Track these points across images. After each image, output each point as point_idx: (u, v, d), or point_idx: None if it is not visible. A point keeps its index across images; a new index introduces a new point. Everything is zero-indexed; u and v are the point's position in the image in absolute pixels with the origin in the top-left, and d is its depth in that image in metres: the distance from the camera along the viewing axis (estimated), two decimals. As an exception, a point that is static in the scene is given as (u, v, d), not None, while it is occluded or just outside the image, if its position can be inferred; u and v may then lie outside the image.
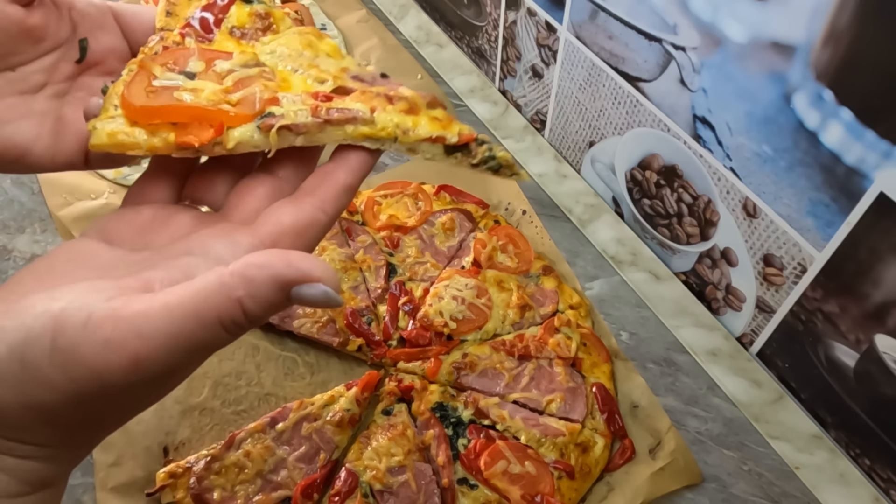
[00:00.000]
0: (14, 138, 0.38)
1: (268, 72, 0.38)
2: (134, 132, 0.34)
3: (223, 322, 0.29)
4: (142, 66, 0.36)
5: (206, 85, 0.36)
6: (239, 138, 0.35)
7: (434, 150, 0.38)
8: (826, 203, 0.53)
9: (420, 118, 0.38)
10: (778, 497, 0.58)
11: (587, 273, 0.72)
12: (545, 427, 0.59)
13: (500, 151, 0.39)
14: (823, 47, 0.48)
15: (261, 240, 0.33)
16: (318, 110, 0.35)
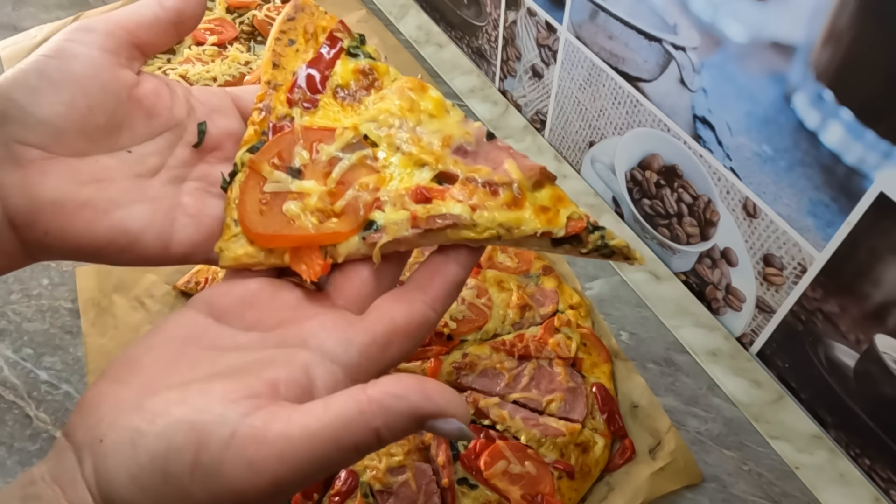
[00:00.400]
0: (125, 223, 0.36)
1: (370, 157, 0.38)
2: (256, 253, 0.37)
3: (358, 448, 0.29)
4: (251, 166, 0.38)
5: (311, 189, 0.37)
6: (345, 252, 0.36)
7: (541, 244, 0.37)
8: (826, 203, 0.53)
9: (524, 212, 0.36)
10: (778, 497, 0.58)
11: (587, 273, 0.72)
12: (545, 427, 0.59)
13: (613, 239, 0.37)
14: (823, 47, 0.48)
15: (374, 339, 0.34)
16: (418, 220, 0.36)
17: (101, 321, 0.66)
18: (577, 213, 0.37)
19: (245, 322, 0.35)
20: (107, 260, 0.37)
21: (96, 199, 0.35)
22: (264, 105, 0.40)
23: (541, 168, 0.37)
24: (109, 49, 0.36)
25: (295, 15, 0.42)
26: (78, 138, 0.35)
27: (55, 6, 0.99)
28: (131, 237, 0.36)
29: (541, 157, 0.82)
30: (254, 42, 0.91)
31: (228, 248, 0.37)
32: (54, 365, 0.64)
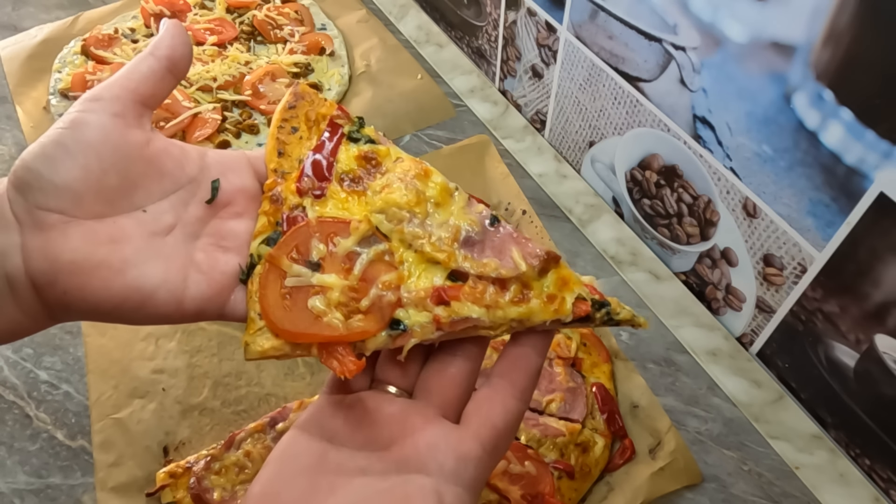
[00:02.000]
0: (138, 281, 0.37)
1: (387, 252, 0.40)
2: (283, 346, 0.38)
3: None
4: (270, 261, 0.39)
5: (333, 284, 0.38)
6: (373, 347, 0.38)
7: (552, 325, 0.40)
8: (826, 203, 0.53)
9: (532, 304, 0.39)
10: (778, 497, 0.58)
11: (587, 273, 0.72)
12: (545, 427, 0.59)
13: (619, 313, 0.40)
14: (823, 47, 0.48)
15: (484, 449, 0.36)
16: (441, 324, 0.38)
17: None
18: (583, 293, 0.40)
19: (357, 441, 0.37)
20: (124, 319, 0.38)
21: (111, 258, 0.37)
22: (275, 194, 0.41)
23: (546, 252, 0.39)
24: (118, 112, 0.38)
25: (295, 103, 0.43)
26: (95, 201, 0.37)
27: (55, 6, 0.99)
28: (145, 294, 0.37)
29: (541, 157, 0.82)
30: (254, 42, 0.91)
31: (255, 342, 0.38)
32: (54, 365, 0.64)
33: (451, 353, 0.40)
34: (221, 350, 0.65)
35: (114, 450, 0.59)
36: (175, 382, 0.63)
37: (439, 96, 0.88)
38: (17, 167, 0.37)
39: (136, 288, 0.37)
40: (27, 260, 0.36)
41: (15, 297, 0.37)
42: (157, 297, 0.38)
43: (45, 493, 0.57)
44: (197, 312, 0.39)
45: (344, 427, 0.38)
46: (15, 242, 0.36)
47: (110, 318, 0.38)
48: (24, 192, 0.36)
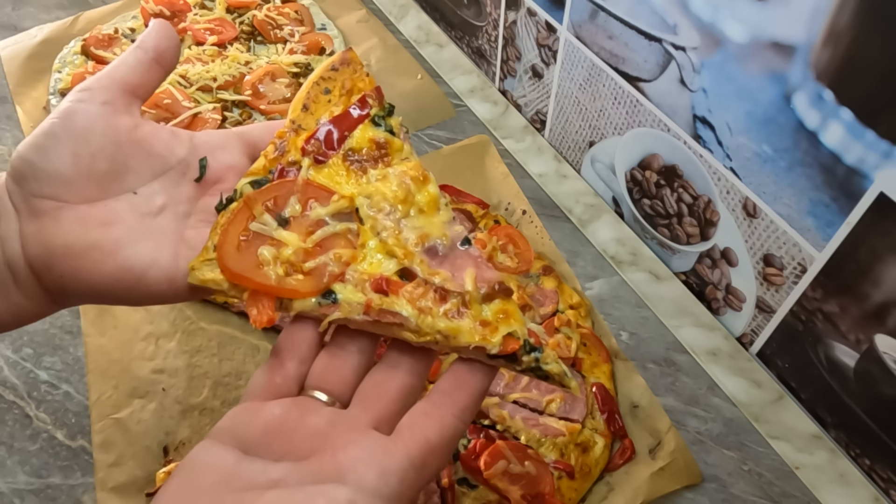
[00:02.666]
0: (130, 261, 0.38)
1: (353, 231, 0.40)
2: (222, 283, 0.38)
3: None
4: (246, 202, 0.40)
5: (289, 241, 0.39)
6: (299, 309, 0.38)
7: (477, 355, 0.38)
8: (826, 203, 0.53)
9: (465, 323, 0.38)
10: (778, 497, 0.58)
11: (587, 273, 0.72)
12: (545, 427, 0.59)
13: (548, 364, 0.38)
14: (823, 47, 0.48)
15: (411, 463, 0.34)
16: (370, 310, 0.38)
17: (101, 321, 0.66)
18: (518, 332, 0.38)
19: (275, 452, 0.35)
20: (121, 299, 0.39)
21: (103, 240, 0.38)
22: (282, 143, 0.42)
23: (498, 282, 0.39)
24: (106, 101, 0.40)
25: (339, 67, 0.44)
26: (86, 186, 0.39)
27: (55, 6, 0.99)
28: (137, 274, 0.38)
29: (541, 157, 0.82)
30: (254, 42, 0.91)
31: (200, 270, 0.39)
32: (54, 365, 0.64)
33: (394, 366, 0.39)
34: (221, 350, 0.65)
35: (114, 450, 0.59)
36: (175, 382, 0.63)
37: (439, 96, 0.88)
38: (13, 158, 0.38)
39: (128, 268, 0.38)
40: (25, 246, 0.38)
41: (17, 282, 0.38)
42: (150, 276, 0.38)
43: (45, 493, 0.57)
44: (190, 289, 0.39)
45: (262, 436, 0.35)
46: (14, 230, 0.38)
47: (107, 299, 0.39)
48: (19, 182, 0.38)
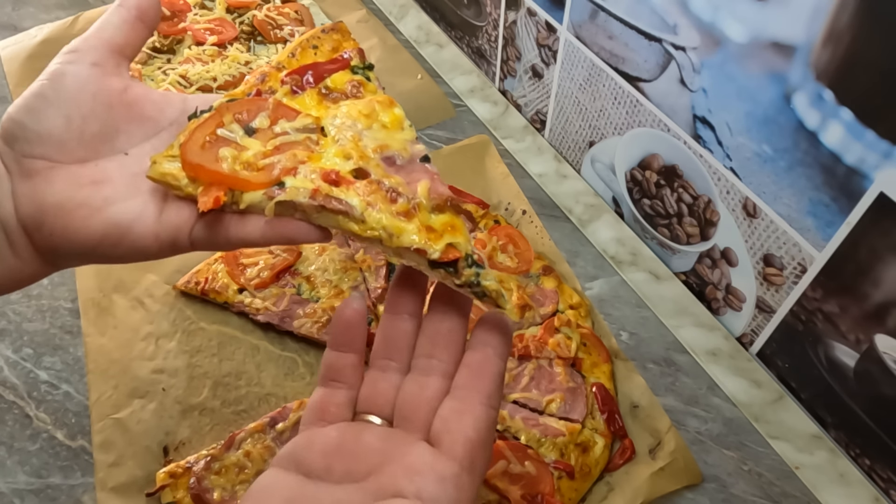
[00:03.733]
0: (115, 217, 0.39)
1: (313, 140, 0.41)
2: (181, 178, 0.39)
3: None
4: (217, 110, 0.41)
5: (252, 144, 0.40)
6: (248, 201, 0.39)
7: (418, 260, 0.39)
8: (826, 203, 0.53)
9: (410, 224, 0.38)
10: (778, 497, 0.58)
11: (587, 273, 0.72)
12: (545, 427, 0.59)
13: (487, 280, 0.38)
14: (823, 47, 0.48)
15: (461, 466, 0.35)
16: (317, 195, 0.38)
17: (101, 321, 0.66)
18: (462, 245, 0.38)
19: (335, 475, 0.36)
20: (107, 256, 0.40)
21: (92, 198, 0.39)
22: (264, 73, 0.44)
23: (449, 197, 0.39)
24: (95, 62, 0.40)
25: (329, 31, 0.46)
26: (77, 146, 0.39)
27: (55, 6, 0.99)
28: (123, 229, 0.39)
29: (541, 157, 0.82)
30: (254, 42, 0.91)
31: (161, 163, 0.39)
32: (54, 365, 0.64)
33: (426, 373, 0.39)
34: (221, 350, 0.65)
35: (114, 450, 0.59)
36: (175, 382, 0.63)
37: (439, 96, 0.88)
38: (3, 121, 0.39)
39: (115, 223, 0.39)
40: (17, 206, 0.39)
41: (11, 244, 0.39)
42: (135, 231, 0.39)
43: (45, 493, 0.57)
44: (171, 241, 0.40)
45: (321, 460, 0.37)
46: (6, 190, 0.39)
47: (95, 256, 0.40)
48: (11, 144, 0.39)
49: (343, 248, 0.70)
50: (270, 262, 0.68)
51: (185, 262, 0.70)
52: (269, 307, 0.66)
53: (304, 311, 0.66)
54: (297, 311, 0.66)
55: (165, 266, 0.70)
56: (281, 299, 0.67)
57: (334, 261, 0.69)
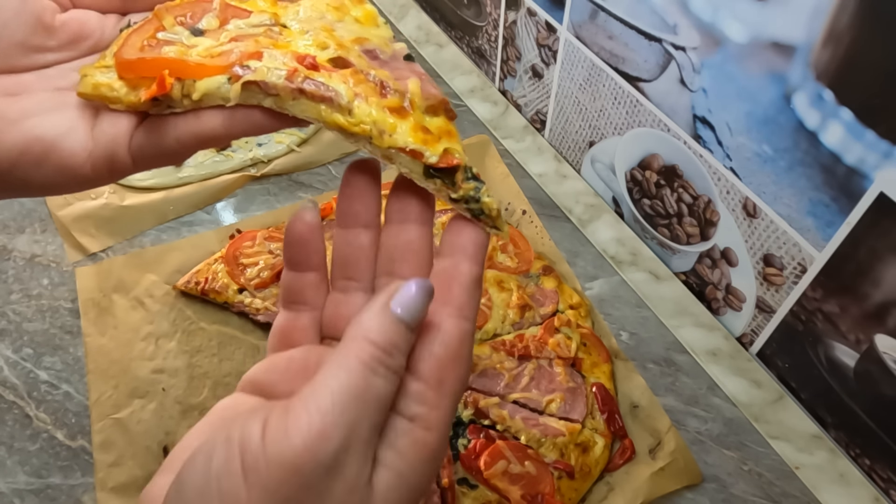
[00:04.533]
0: (37, 130, 0.34)
1: (275, 31, 0.35)
2: (118, 87, 0.33)
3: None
4: (155, 14, 0.35)
5: (201, 42, 0.34)
6: (205, 89, 0.32)
7: (412, 166, 0.33)
8: (826, 203, 0.53)
9: (404, 122, 0.33)
10: (778, 497, 0.58)
11: (587, 273, 0.72)
12: (545, 427, 0.59)
13: (487, 196, 0.34)
14: (823, 47, 0.48)
15: (426, 384, 0.31)
16: (296, 76, 0.32)
17: (101, 321, 0.66)
18: (459, 155, 0.34)
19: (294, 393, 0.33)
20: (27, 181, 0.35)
21: (6, 110, 0.34)
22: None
23: (443, 99, 0.35)
24: None
25: None
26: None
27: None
28: (47, 144, 0.34)
29: (541, 156, 0.82)
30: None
31: (92, 75, 0.33)
32: (54, 365, 0.64)
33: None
34: (221, 350, 0.65)
35: (114, 450, 0.59)
36: (175, 382, 0.63)
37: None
38: None
39: (37, 137, 0.34)
40: None
41: None
42: (64, 146, 0.34)
43: (45, 493, 0.57)
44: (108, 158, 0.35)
45: (285, 383, 0.34)
46: None
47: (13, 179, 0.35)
48: None
49: (343, 248, 0.70)
50: (270, 262, 0.68)
51: (185, 262, 0.70)
52: (269, 307, 0.66)
53: (304, 311, 0.66)
54: (297, 311, 0.66)
55: (165, 266, 0.70)
56: (281, 299, 0.67)
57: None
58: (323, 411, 0.27)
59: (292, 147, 0.81)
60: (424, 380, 0.31)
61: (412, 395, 0.31)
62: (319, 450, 0.27)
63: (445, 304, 0.33)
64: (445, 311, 0.33)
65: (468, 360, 0.33)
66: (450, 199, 0.34)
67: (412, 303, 0.30)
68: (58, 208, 0.74)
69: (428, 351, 0.32)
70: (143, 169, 0.36)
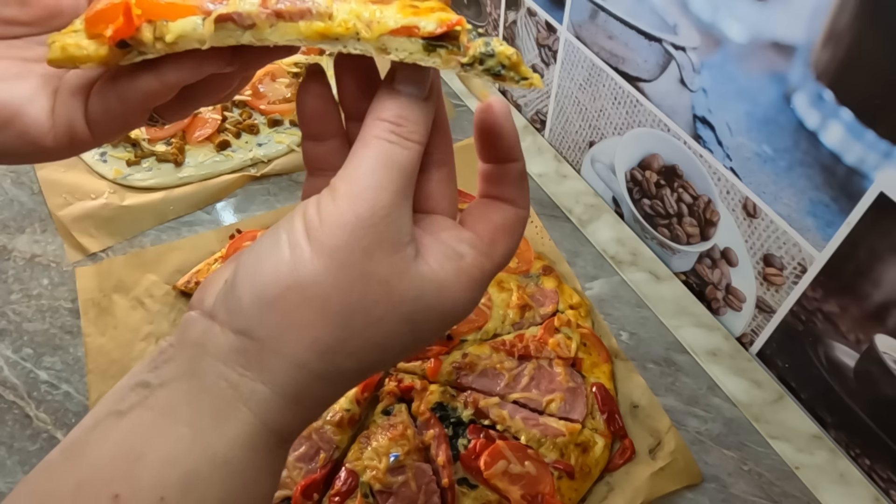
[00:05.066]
0: (2, 95, 0.33)
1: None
2: (86, 44, 0.31)
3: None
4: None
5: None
6: (179, 31, 0.30)
7: (411, 48, 0.31)
8: (826, 203, 0.53)
9: (389, 7, 0.31)
10: (778, 497, 0.58)
11: (587, 273, 0.72)
12: (545, 427, 0.59)
13: (500, 46, 0.31)
14: (823, 47, 0.48)
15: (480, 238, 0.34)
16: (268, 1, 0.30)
17: (101, 321, 0.66)
18: (455, 16, 0.31)
19: None
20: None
21: None
22: None
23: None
24: None
25: None
26: None
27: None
28: (11, 111, 0.34)
29: (541, 156, 0.82)
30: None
31: (60, 40, 0.32)
32: (54, 365, 0.64)
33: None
34: (221, 350, 0.65)
35: (114, 450, 0.59)
36: (175, 382, 0.63)
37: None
38: None
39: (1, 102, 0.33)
40: None
41: None
42: (27, 113, 0.34)
43: (45, 493, 0.57)
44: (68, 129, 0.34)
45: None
46: None
47: None
48: None
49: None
50: (270, 262, 0.68)
51: (185, 262, 0.70)
52: (269, 307, 0.66)
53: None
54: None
55: (165, 266, 0.70)
56: (281, 299, 0.67)
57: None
58: (358, 178, 0.31)
59: (292, 147, 0.82)
60: (479, 235, 0.34)
61: (465, 238, 0.34)
62: (357, 208, 0.30)
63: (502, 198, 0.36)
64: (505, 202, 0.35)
65: (519, 238, 0.36)
66: (461, 66, 0.32)
67: (413, 76, 0.32)
68: (58, 208, 0.74)
69: (487, 217, 0.35)
70: (102, 140, 0.36)
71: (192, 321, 0.32)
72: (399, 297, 0.31)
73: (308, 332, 0.30)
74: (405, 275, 0.31)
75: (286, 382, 0.30)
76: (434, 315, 0.32)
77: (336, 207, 0.30)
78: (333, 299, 0.30)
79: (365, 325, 0.31)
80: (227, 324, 0.31)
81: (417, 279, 0.31)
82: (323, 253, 0.30)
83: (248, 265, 0.31)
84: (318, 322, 0.30)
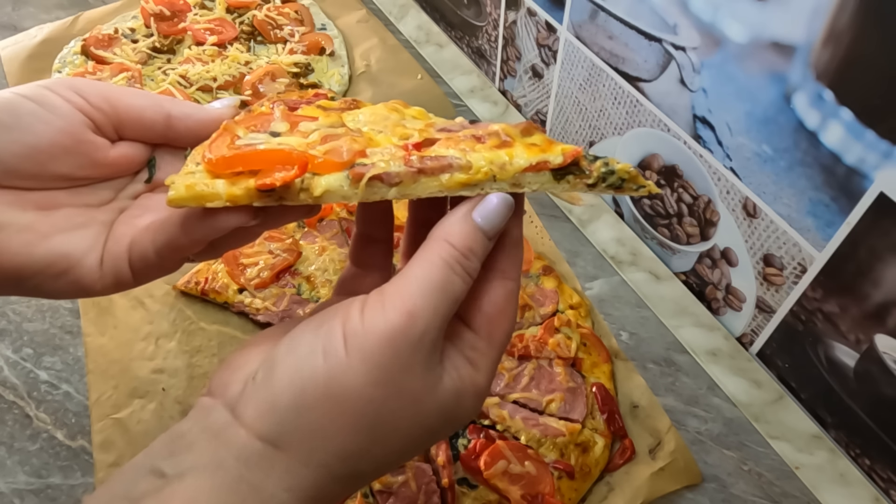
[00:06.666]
0: (64, 247, 0.36)
1: (354, 131, 0.36)
2: (214, 183, 0.33)
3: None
4: (225, 128, 0.36)
5: (291, 140, 0.34)
6: (327, 186, 0.33)
7: (541, 180, 0.35)
8: (826, 203, 0.53)
9: (515, 149, 0.35)
10: (778, 497, 0.58)
11: (587, 273, 0.72)
12: (545, 427, 0.59)
13: (618, 164, 0.36)
14: (823, 47, 0.48)
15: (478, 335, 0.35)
16: (411, 159, 0.33)
17: (101, 321, 0.66)
18: (570, 147, 0.36)
19: None
20: (38, 289, 0.36)
21: (38, 224, 0.36)
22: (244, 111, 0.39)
23: (529, 121, 0.37)
24: (84, 109, 0.36)
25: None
26: (30, 179, 0.36)
27: (55, 6, 0.99)
28: (72, 261, 0.36)
29: (541, 157, 0.82)
30: (254, 42, 0.91)
31: (182, 180, 0.33)
32: (54, 365, 0.64)
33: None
34: (221, 350, 0.65)
35: (114, 450, 0.59)
36: (175, 382, 0.63)
37: (439, 96, 0.88)
38: None
39: (62, 254, 0.36)
40: None
41: None
42: (84, 264, 0.36)
43: (45, 493, 0.57)
44: (114, 275, 0.37)
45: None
46: None
47: (26, 288, 0.36)
48: None
49: (343, 249, 0.70)
50: (270, 262, 0.68)
51: (185, 262, 0.70)
52: (269, 307, 0.66)
53: (304, 310, 0.66)
54: (297, 311, 0.66)
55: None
56: (281, 299, 0.67)
57: (334, 261, 0.69)
58: (413, 295, 0.31)
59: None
60: (476, 330, 0.35)
61: (466, 340, 0.35)
62: (408, 326, 0.31)
63: (491, 268, 0.36)
64: (492, 274, 0.36)
65: (514, 315, 0.37)
66: (587, 187, 0.36)
67: (492, 213, 0.34)
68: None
69: (478, 308, 0.36)
70: (141, 283, 0.38)
71: (214, 410, 0.33)
72: (425, 412, 0.33)
73: (337, 441, 0.31)
74: (433, 391, 0.33)
75: (307, 486, 0.31)
76: (450, 421, 0.34)
77: (384, 317, 0.31)
78: (367, 412, 0.31)
79: (390, 435, 0.32)
80: (254, 426, 0.31)
81: (441, 393, 0.33)
82: (364, 365, 0.31)
83: (286, 367, 0.32)
84: (349, 431, 0.31)
